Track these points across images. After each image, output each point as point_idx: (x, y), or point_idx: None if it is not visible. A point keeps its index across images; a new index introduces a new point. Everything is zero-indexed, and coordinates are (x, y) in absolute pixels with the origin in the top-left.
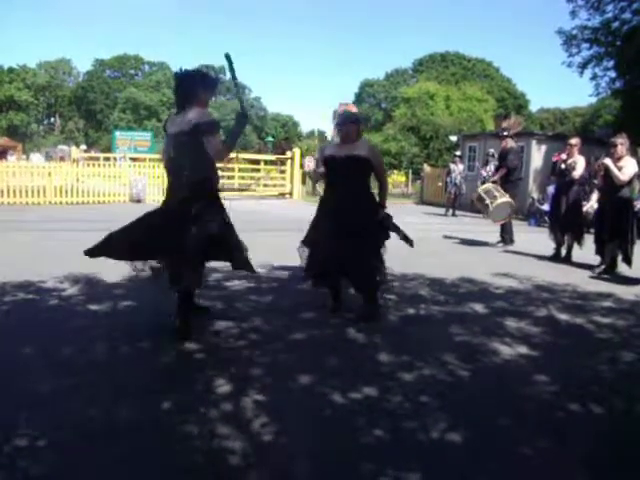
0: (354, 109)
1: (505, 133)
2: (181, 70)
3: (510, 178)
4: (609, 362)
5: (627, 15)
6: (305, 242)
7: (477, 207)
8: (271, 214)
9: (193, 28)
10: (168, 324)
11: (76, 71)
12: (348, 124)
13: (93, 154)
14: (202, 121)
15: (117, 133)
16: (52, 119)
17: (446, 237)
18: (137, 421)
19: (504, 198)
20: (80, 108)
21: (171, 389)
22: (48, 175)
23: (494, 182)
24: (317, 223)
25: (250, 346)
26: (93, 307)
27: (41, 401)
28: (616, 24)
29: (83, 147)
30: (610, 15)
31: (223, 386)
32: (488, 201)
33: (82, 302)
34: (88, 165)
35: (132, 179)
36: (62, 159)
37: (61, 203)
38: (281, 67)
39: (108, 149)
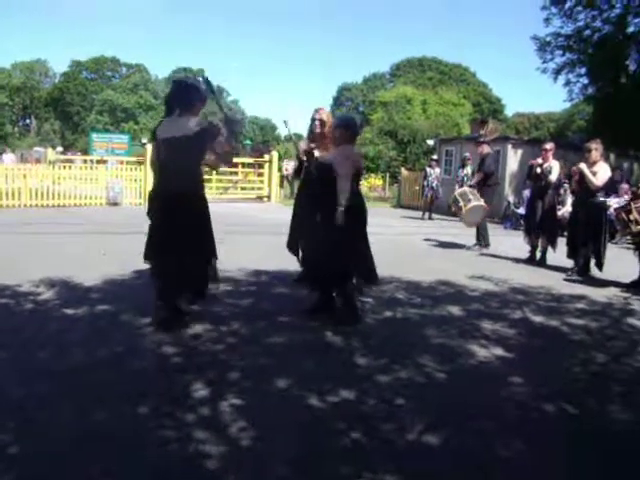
0: (324, 114)
1: (481, 139)
2: (181, 79)
3: (488, 182)
4: (582, 363)
5: (598, 24)
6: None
7: (453, 210)
8: (249, 217)
9: (170, 30)
10: (145, 328)
11: (52, 72)
12: (335, 128)
13: (70, 156)
14: (209, 127)
15: (94, 135)
16: (27, 120)
17: (423, 240)
18: (114, 426)
19: (477, 202)
20: (56, 110)
21: (148, 393)
22: (23, 177)
23: (471, 186)
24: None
25: (228, 350)
26: (69, 311)
27: (14, 407)
28: (588, 32)
29: (59, 149)
30: (582, 23)
31: (200, 390)
32: (462, 203)
33: (58, 306)
34: (64, 167)
35: (109, 182)
36: (38, 161)
37: (37, 206)
38: (259, 70)
39: (85, 151)
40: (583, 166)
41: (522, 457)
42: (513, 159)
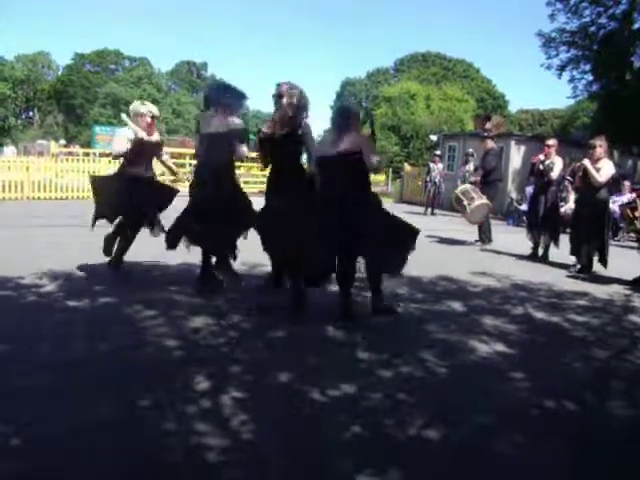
0: (285, 89)
1: (486, 134)
2: (221, 82)
3: (488, 179)
4: (583, 359)
5: (603, 20)
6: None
7: (455, 208)
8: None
9: (174, 23)
10: (147, 321)
11: (55, 65)
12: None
13: (73, 149)
14: (239, 128)
15: (97, 128)
16: (31, 113)
17: (424, 236)
18: (115, 418)
19: (481, 200)
20: (59, 102)
21: (150, 386)
22: (26, 170)
23: (472, 183)
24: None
25: (229, 343)
26: (72, 303)
27: (18, 398)
28: (593, 28)
29: (62, 142)
30: (587, 19)
31: (202, 383)
32: (466, 202)
33: (61, 298)
34: (67, 160)
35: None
36: (41, 154)
37: (39, 198)
38: (263, 64)
39: (88, 144)
40: (587, 162)
41: (522, 453)
42: (516, 155)
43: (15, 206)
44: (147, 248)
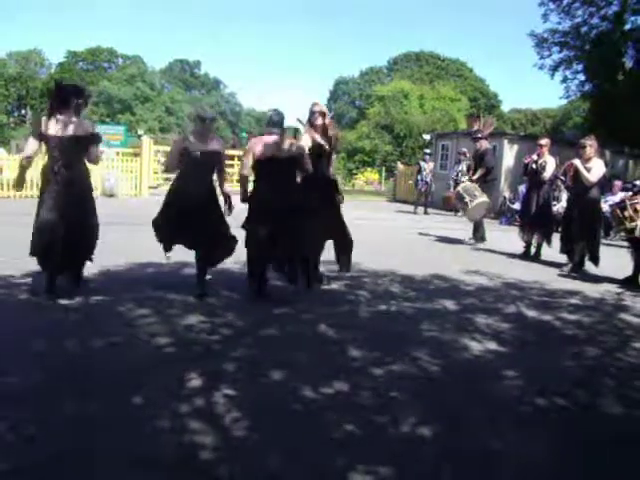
0: (323, 107)
1: (479, 135)
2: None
3: (487, 178)
4: (575, 357)
5: (595, 20)
6: None
7: (456, 205)
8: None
9: (167, 21)
10: (140, 319)
11: (48, 62)
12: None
13: None
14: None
15: None
16: (23, 111)
17: (417, 234)
18: (108, 416)
19: (483, 198)
20: None
21: (142, 384)
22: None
23: (472, 181)
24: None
25: (222, 341)
26: (64, 302)
27: (9, 396)
28: (585, 29)
29: None
30: (579, 20)
31: (194, 380)
32: (468, 199)
33: (52, 296)
34: None
35: (104, 173)
36: None
37: (32, 196)
38: (256, 63)
39: None
40: (577, 162)
41: (514, 450)
42: (509, 155)
43: (8, 204)
44: (139, 246)
